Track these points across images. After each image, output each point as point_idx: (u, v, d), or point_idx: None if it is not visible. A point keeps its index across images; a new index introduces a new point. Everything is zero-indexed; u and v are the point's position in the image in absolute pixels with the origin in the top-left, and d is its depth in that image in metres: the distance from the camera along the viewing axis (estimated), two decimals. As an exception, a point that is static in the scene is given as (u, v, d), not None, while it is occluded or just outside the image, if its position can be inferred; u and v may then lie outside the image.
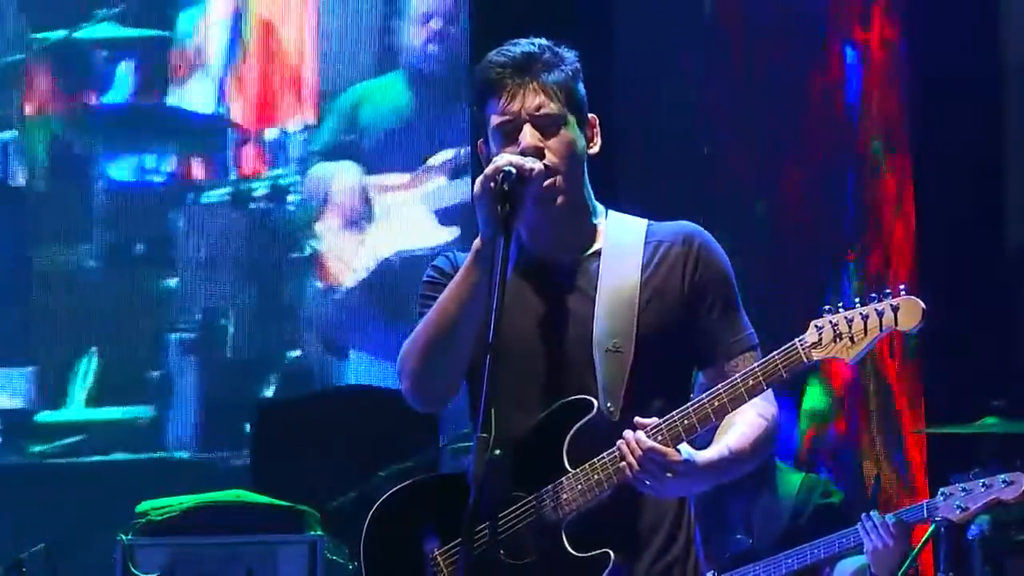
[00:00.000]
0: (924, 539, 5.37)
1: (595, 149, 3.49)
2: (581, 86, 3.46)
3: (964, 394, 6.18)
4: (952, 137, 6.86)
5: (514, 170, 3.28)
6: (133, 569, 5.42)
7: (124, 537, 5.50)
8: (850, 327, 3.22)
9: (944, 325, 6.61)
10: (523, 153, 3.34)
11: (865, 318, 3.22)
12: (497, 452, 3.11)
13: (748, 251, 7.22)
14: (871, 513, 5.32)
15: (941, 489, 5.21)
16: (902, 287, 3.23)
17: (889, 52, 7.21)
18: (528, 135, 3.37)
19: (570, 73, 3.43)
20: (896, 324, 3.20)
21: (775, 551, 5.49)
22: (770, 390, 3.34)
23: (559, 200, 3.39)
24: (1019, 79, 6.96)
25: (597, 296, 3.41)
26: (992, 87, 6.99)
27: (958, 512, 5.16)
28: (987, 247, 6.85)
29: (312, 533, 5.54)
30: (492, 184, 3.28)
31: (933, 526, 5.28)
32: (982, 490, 5.14)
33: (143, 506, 5.71)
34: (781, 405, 3.49)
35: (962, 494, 5.17)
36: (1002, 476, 5.13)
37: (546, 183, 3.34)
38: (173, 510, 5.58)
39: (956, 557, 5.45)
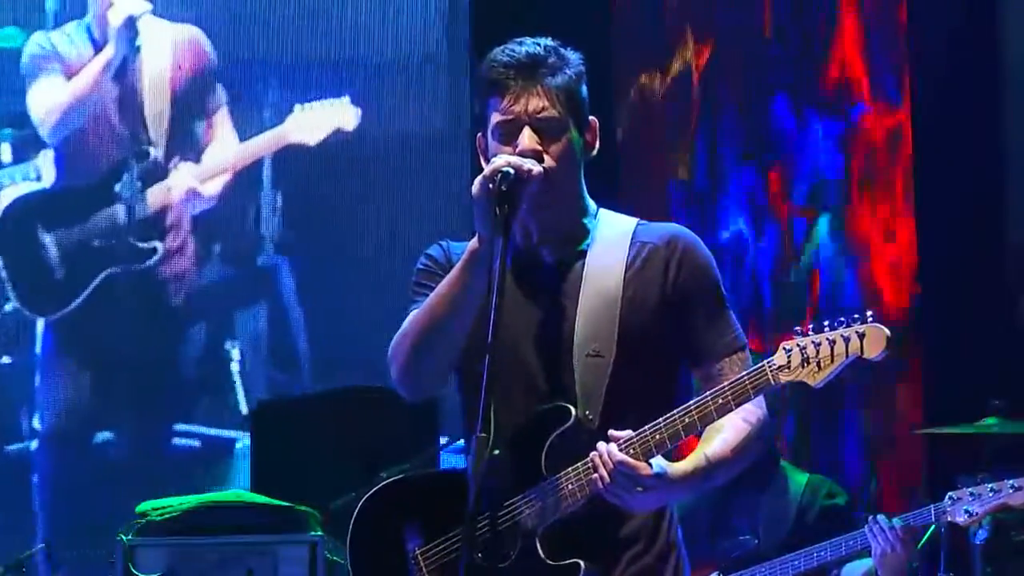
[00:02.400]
0: (923, 539, 5.37)
1: (593, 152, 3.49)
2: (584, 88, 3.46)
3: (964, 394, 6.17)
4: (952, 137, 6.86)
5: (512, 171, 3.28)
6: (133, 569, 5.41)
7: (124, 537, 5.50)
8: (817, 352, 3.22)
9: (944, 325, 6.66)
10: (520, 154, 3.35)
11: (832, 344, 3.21)
12: (496, 452, 3.12)
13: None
14: (878, 517, 5.31)
15: (949, 493, 5.20)
16: (869, 314, 3.22)
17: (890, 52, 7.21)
18: (526, 138, 3.37)
19: (573, 76, 3.43)
20: (861, 352, 3.20)
21: (780, 552, 5.49)
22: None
23: (550, 203, 3.38)
24: (1019, 79, 6.96)
25: (580, 298, 3.42)
26: (992, 87, 6.99)
27: (965, 516, 5.15)
28: (987, 247, 6.84)
29: (312, 533, 5.54)
30: (491, 185, 3.28)
31: (933, 527, 5.28)
32: (990, 495, 5.14)
33: (143, 506, 5.71)
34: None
35: (970, 498, 5.16)
36: (1011, 481, 5.13)
37: (541, 187, 3.34)
38: (173, 510, 5.58)
39: (957, 558, 5.46)
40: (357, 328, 7.82)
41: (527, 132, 3.37)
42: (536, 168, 3.32)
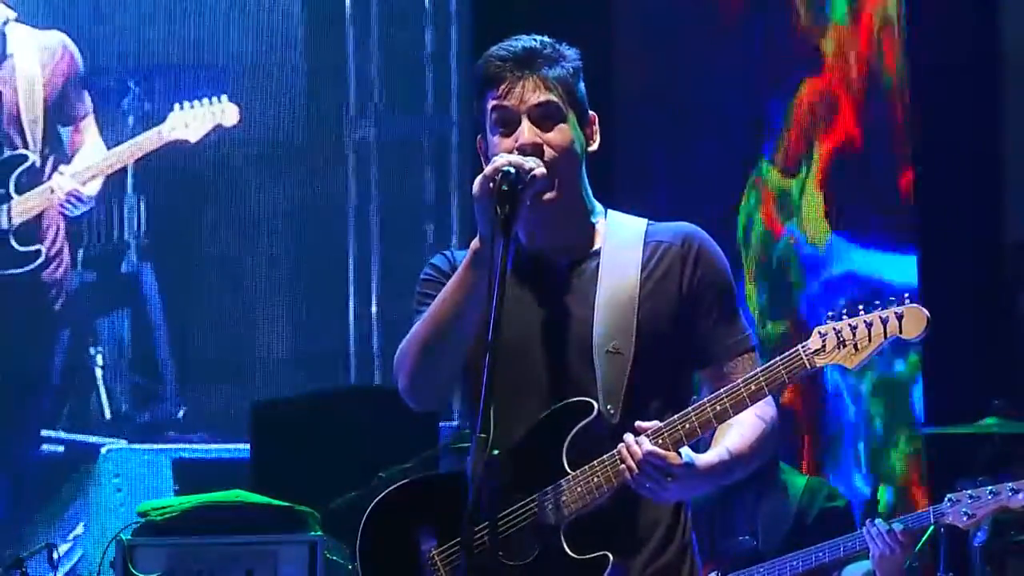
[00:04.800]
0: (923, 540, 5.37)
1: (594, 147, 3.47)
2: (582, 84, 3.44)
3: (964, 394, 6.17)
4: (952, 135, 6.86)
5: (513, 170, 3.25)
6: (133, 569, 5.42)
7: (124, 537, 5.50)
8: (854, 334, 3.22)
9: (944, 324, 6.65)
10: (521, 149, 3.33)
11: (869, 325, 3.21)
12: (495, 452, 3.11)
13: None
14: (876, 520, 5.31)
15: (948, 495, 5.21)
16: (906, 295, 3.23)
17: (889, 49, 7.21)
18: (526, 131, 3.35)
19: (570, 70, 3.41)
20: (900, 332, 3.20)
21: (779, 553, 5.49)
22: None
23: (551, 196, 3.36)
24: (1019, 76, 6.96)
25: (597, 297, 3.40)
26: (991, 84, 6.99)
27: (965, 519, 5.16)
28: (987, 246, 6.84)
29: (312, 533, 5.54)
30: (491, 184, 3.25)
31: (932, 527, 5.28)
32: (989, 497, 5.15)
33: (143, 506, 5.72)
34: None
35: (969, 501, 5.16)
36: (1010, 484, 5.13)
37: (544, 182, 3.32)
38: (173, 510, 5.58)
39: (956, 558, 5.46)
40: (220, 333, 7.87)
41: (526, 124, 3.35)
42: (539, 170, 3.30)
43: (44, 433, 7.94)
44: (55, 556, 5.96)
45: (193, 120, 7.91)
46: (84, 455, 7.90)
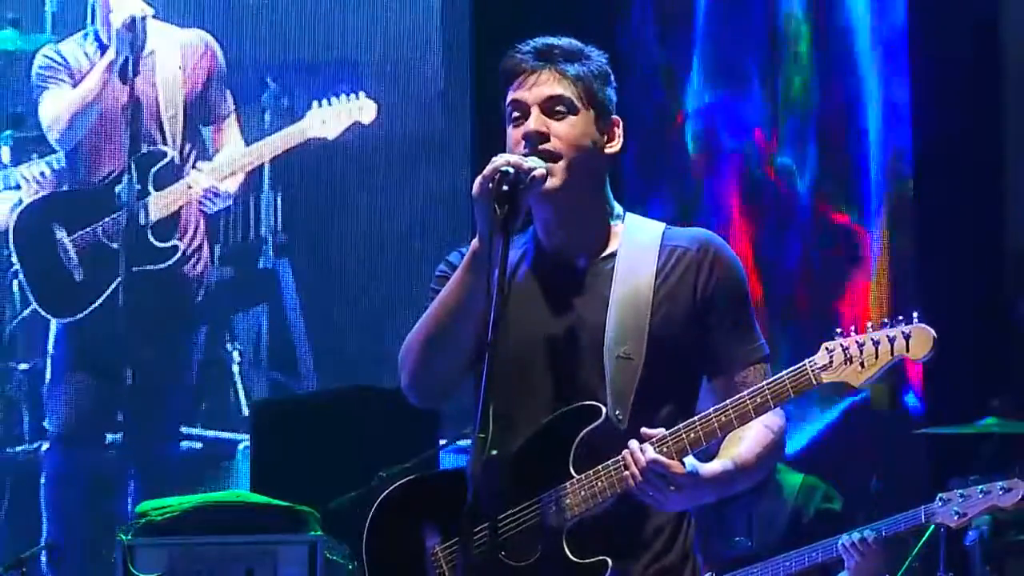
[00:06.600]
0: (922, 540, 5.37)
1: (614, 149, 3.42)
2: (610, 90, 3.41)
3: (964, 394, 6.18)
4: (952, 137, 6.86)
5: (512, 170, 3.23)
6: (133, 569, 5.42)
7: (124, 537, 5.51)
8: (861, 352, 3.20)
9: (944, 325, 6.66)
10: (527, 136, 3.32)
11: (876, 344, 3.20)
12: (494, 452, 3.10)
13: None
14: (853, 532, 5.31)
15: (939, 495, 5.21)
16: (915, 314, 3.21)
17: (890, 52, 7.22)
18: (534, 120, 3.33)
19: (593, 70, 3.39)
20: (907, 352, 3.19)
21: (775, 553, 5.49)
22: None
23: (552, 184, 3.32)
24: (1019, 79, 6.96)
25: (610, 301, 3.38)
26: (992, 87, 6.99)
27: (956, 518, 5.16)
28: (987, 247, 6.85)
29: (312, 533, 5.54)
30: (491, 184, 3.23)
31: (931, 527, 5.28)
32: (980, 496, 5.15)
33: (143, 506, 5.72)
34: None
35: (960, 500, 5.17)
36: (1000, 483, 5.13)
37: (542, 173, 3.29)
38: (173, 510, 5.58)
39: (956, 558, 5.46)
40: (356, 329, 7.83)
41: (535, 113, 3.34)
42: (539, 170, 3.27)
43: (182, 429, 7.92)
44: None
45: (331, 117, 7.87)
46: (222, 452, 7.85)
